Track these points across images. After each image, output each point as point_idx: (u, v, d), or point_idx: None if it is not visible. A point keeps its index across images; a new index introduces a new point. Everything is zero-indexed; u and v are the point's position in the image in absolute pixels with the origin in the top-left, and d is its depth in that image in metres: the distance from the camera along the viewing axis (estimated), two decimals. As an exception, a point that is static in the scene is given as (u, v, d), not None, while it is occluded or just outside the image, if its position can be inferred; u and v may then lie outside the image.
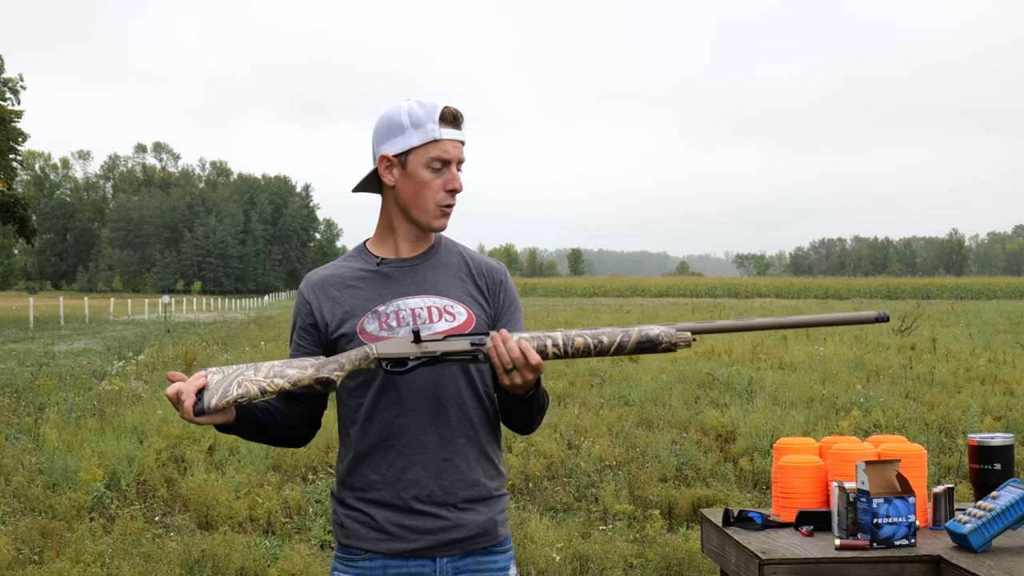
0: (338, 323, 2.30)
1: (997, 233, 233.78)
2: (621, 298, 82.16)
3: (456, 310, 2.30)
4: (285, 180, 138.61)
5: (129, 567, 5.57)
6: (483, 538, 2.30)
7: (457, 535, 2.27)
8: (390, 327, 2.27)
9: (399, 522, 2.26)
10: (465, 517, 2.27)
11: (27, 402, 11.59)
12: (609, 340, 2.20)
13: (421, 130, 2.26)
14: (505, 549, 2.36)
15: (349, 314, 2.29)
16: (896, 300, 73.24)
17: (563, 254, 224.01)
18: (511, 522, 6.49)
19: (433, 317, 2.28)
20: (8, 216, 40.37)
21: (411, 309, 2.28)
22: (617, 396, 12.17)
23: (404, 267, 2.34)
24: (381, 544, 2.26)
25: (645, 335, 2.20)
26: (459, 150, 2.28)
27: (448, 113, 2.27)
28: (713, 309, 42.42)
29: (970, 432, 9.09)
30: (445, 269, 2.36)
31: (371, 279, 2.33)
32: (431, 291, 2.31)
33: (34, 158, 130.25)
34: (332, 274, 2.36)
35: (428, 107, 2.27)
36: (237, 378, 2.15)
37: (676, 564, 5.67)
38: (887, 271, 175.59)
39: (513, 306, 2.40)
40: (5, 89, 42.74)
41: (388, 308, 2.29)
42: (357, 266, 2.36)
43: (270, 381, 2.16)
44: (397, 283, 2.32)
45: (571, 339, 2.19)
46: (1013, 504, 2.71)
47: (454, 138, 2.27)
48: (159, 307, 51.72)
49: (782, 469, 3.12)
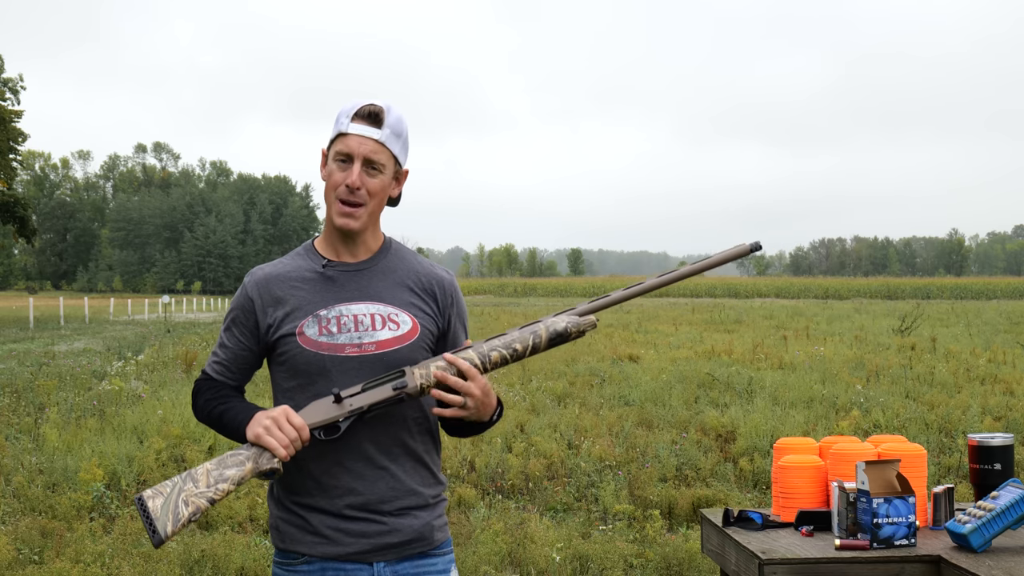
0: (278, 324, 2.26)
1: (997, 233, 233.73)
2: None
3: (401, 318, 2.26)
4: (285, 180, 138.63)
5: (129, 567, 5.57)
6: (419, 543, 2.28)
7: (392, 540, 2.24)
8: (330, 332, 2.23)
9: (334, 526, 2.23)
10: (401, 522, 2.25)
11: (27, 402, 11.59)
12: (523, 346, 2.23)
13: (336, 124, 2.25)
14: (444, 552, 2.33)
15: (290, 316, 2.25)
16: (896, 300, 73.24)
17: (563, 254, 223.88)
18: (511, 522, 6.48)
19: (376, 324, 2.24)
20: (8, 216, 40.37)
21: (354, 315, 2.24)
22: (617, 396, 12.17)
23: (350, 271, 2.29)
24: (317, 547, 2.24)
25: (554, 331, 2.24)
26: (367, 147, 2.21)
27: (365, 110, 2.23)
28: (713, 309, 42.42)
29: (970, 432, 9.09)
30: (392, 276, 2.31)
31: (315, 281, 2.28)
32: (375, 298, 2.27)
33: (34, 158, 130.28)
34: (277, 272, 2.31)
35: (353, 103, 2.25)
36: (180, 497, 2.11)
37: (676, 564, 5.67)
38: (887, 271, 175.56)
39: (461, 321, 2.38)
40: (5, 89, 42.75)
41: (330, 313, 2.25)
42: (303, 265, 2.31)
43: (215, 489, 2.14)
44: (341, 287, 2.27)
45: (487, 356, 2.21)
46: (1013, 504, 2.71)
47: (362, 134, 2.21)
48: (159, 307, 51.72)
49: (782, 469, 3.12)
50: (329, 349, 2.22)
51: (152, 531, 2.08)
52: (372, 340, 2.23)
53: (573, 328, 2.24)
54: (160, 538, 2.08)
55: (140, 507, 2.11)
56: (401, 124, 2.26)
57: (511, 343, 2.22)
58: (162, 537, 2.08)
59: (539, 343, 2.23)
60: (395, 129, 2.25)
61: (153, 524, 2.09)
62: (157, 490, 2.13)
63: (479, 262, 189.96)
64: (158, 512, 2.10)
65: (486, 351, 2.21)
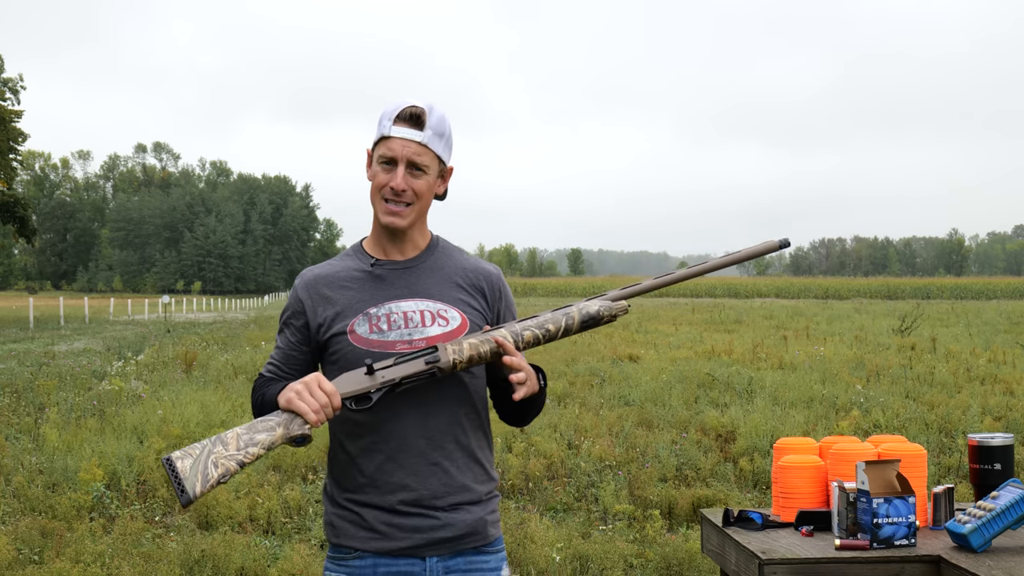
0: (329, 323, 2.28)
1: (997, 233, 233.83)
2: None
3: (450, 314, 2.29)
4: (285, 180, 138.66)
5: (129, 567, 5.57)
6: (472, 538, 2.29)
7: (446, 534, 2.25)
8: (380, 330, 2.25)
9: (387, 521, 2.25)
10: (454, 517, 2.26)
11: (27, 402, 11.59)
12: (555, 327, 2.26)
13: (379, 127, 2.27)
14: (496, 549, 2.34)
15: (340, 315, 2.28)
16: (896, 300, 73.24)
17: (563, 254, 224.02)
18: (511, 522, 6.48)
19: (426, 321, 2.27)
20: (8, 216, 40.38)
21: (403, 312, 2.27)
22: (617, 396, 12.17)
23: (398, 269, 2.32)
24: (370, 543, 2.25)
25: (587, 313, 2.27)
26: (410, 149, 2.23)
27: (406, 112, 2.23)
28: (713, 309, 42.42)
29: (970, 432, 9.09)
30: (440, 272, 2.34)
31: (364, 280, 2.31)
32: (424, 295, 2.29)
33: (34, 158, 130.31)
34: (326, 273, 2.35)
35: (395, 105, 2.26)
36: (210, 459, 2.11)
37: (676, 564, 5.67)
38: (887, 271, 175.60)
39: (511, 313, 2.41)
40: (5, 89, 42.74)
41: (380, 310, 2.27)
42: (352, 266, 2.34)
43: (245, 452, 2.13)
44: (390, 285, 2.30)
45: (519, 335, 2.23)
46: (1013, 504, 2.71)
47: (404, 136, 2.22)
48: (159, 307, 51.73)
49: (782, 469, 3.12)
50: (380, 346, 2.24)
51: (181, 490, 2.08)
52: (422, 336, 2.25)
53: (605, 312, 2.27)
54: (188, 498, 2.08)
55: (168, 467, 2.11)
56: (443, 124, 2.27)
57: (544, 323, 2.25)
58: (191, 497, 2.08)
59: (571, 325, 2.26)
60: (437, 129, 2.26)
61: (182, 484, 2.08)
62: (186, 451, 2.13)
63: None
64: (187, 472, 2.09)
65: (519, 330, 2.23)
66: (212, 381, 13.81)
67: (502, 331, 2.22)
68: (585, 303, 2.29)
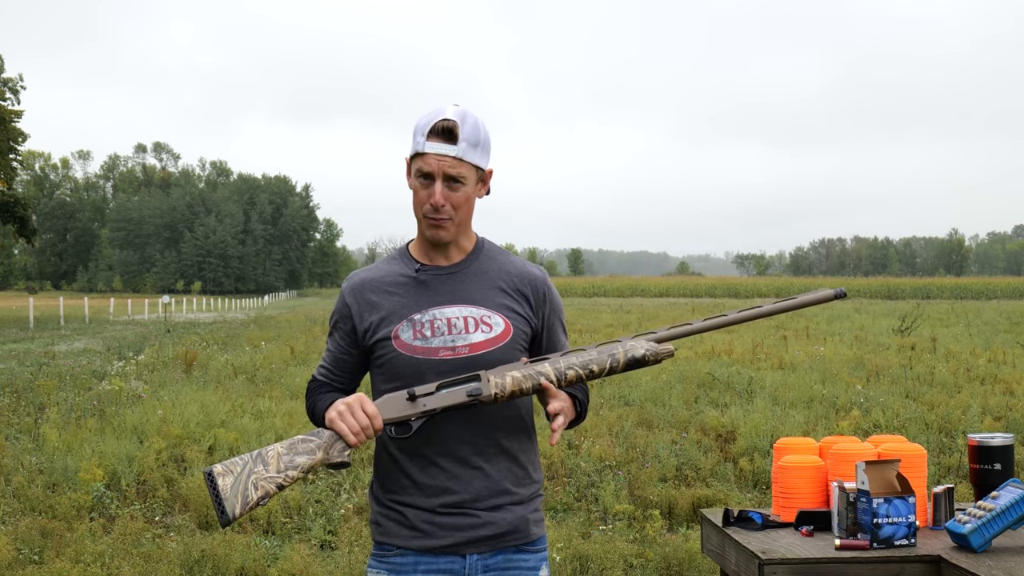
0: (374, 328, 2.31)
1: (997, 233, 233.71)
2: (621, 298, 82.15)
3: (493, 320, 2.29)
4: (285, 180, 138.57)
5: (129, 567, 5.57)
6: (514, 536, 2.31)
7: (487, 532, 2.28)
8: (424, 336, 2.27)
9: (429, 520, 2.28)
10: (495, 515, 2.28)
11: (27, 402, 11.59)
12: (599, 368, 2.26)
13: (414, 142, 2.27)
14: (538, 548, 2.36)
15: (385, 320, 2.30)
16: (896, 300, 73.22)
17: (563, 254, 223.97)
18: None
19: (469, 327, 2.28)
20: (8, 216, 40.35)
21: (447, 319, 2.28)
22: (617, 396, 12.16)
23: (443, 275, 2.33)
24: (412, 540, 2.28)
25: (632, 357, 2.26)
26: (445, 164, 2.22)
27: (439, 126, 2.23)
28: (713, 309, 42.43)
29: (970, 432, 9.09)
30: (484, 278, 2.34)
31: (409, 285, 2.32)
32: (468, 301, 2.30)
33: (34, 158, 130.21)
34: (373, 277, 2.36)
35: (428, 117, 2.25)
36: (250, 479, 2.14)
37: (676, 564, 5.67)
38: (887, 271, 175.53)
39: (557, 317, 2.41)
40: (5, 89, 42.72)
41: (424, 317, 2.28)
42: (397, 270, 2.36)
43: (285, 476, 2.16)
44: (435, 291, 2.31)
45: (563, 373, 2.23)
46: (1013, 504, 2.71)
47: (438, 152, 2.22)
48: (159, 307, 51.70)
49: (782, 469, 3.12)
50: (424, 353, 2.26)
51: (220, 511, 2.11)
52: (465, 343, 2.26)
53: (651, 356, 2.27)
54: (228, 519, 2.11)
55: (209, 483, 2.13)
56: (477, 132, 2.25)
57: (588, 363, 2.26)
58: (230, 518, 2.11)
59: (616, 366, 2.26)
60: (471, 140, 2.24)
61: (222, 504, 2.11)
62: (227, 467, 2.14)
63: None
64: (227, 492, 2.11)
65: (563, 368, 2.24)
66: (212, 381, 13.81)
67: (547, 368, 2.23)
68: (631, 343, 2.28)
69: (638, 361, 2.26)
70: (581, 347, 2.29)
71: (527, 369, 2.22)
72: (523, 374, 2.21)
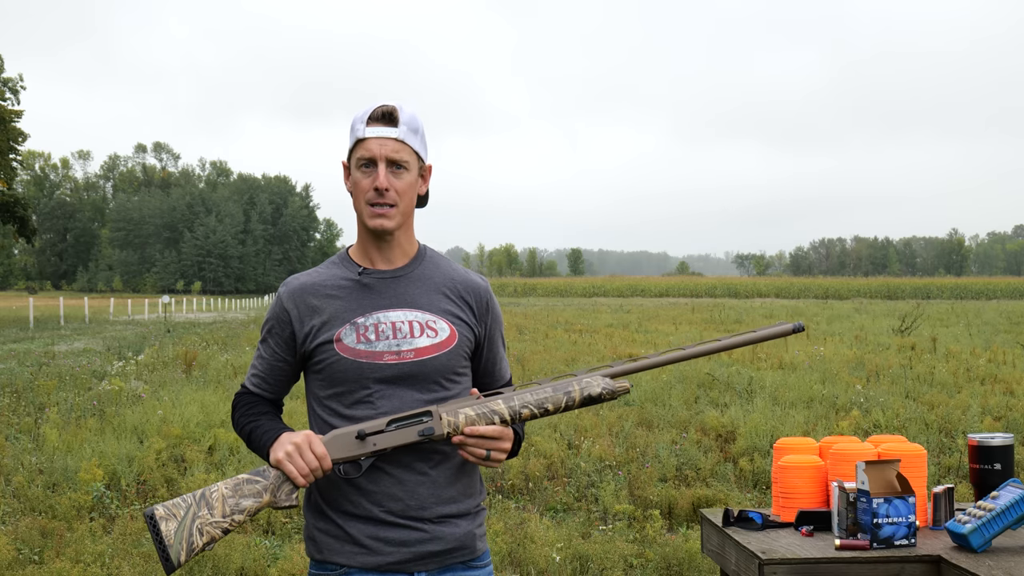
0: (315, 332, 2.25)
1: (997, 233, 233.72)
2: (621, 298, 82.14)
3: (439, 326, 2.25)
4: (285, 180, 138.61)
5: (129, 567, 5.57)
6: (461, 552, 2.26)
7: (434, 548, 2.22)
8: (368, 340, 2.22)
9: (373, 534, 2.21)
10: (442, 530, 2.23)
11: (27, 402, 11.59)
12: (554, 406, 2.21)
13: (352, 133, 2.25)
14: (484, 564, 2.32)
15: (327, 324, 2.24)
16: (896, 300, 73.22)
17: (563, 254, 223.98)
18: (511, 522, 6.48)
19: (415, 331, 2.23)
20: (8, 216, 40.36)
21: (391, 322, 2.23)
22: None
23: (386, 278, 2.28)
24: (356, 557, 2.21)
25: (587, 395, 2.22)
26: (388, 147, 2.20)
27: (378, 112, 2.22)
28: (713, 309, 42.41)
29: (970, 432, 9.09)
30: (428, 282, 2.30)
31: (352, 289, 2.27)
32: (412, 305, 2.26)
33: (34, 158, 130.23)
34: (313, 281, 2.30)
35: (364, 109, 2.24)
36: (195, 523, 2.09)
37: (676, 564, 5.67)
38: (887, 271, 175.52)
39: (498, 329, 2.38)
40: (5, 89, 42.71)
41: (368, 320, 2.23)
42: (339, 274, 2.30)
43: (230, 520, 2.13)
44: (379, 295, 2.26)
45: (517, 412, 2.20)
46: (1013, 504, 2.71)
47: (380, 135, 2.20)
48: (159, 307, 51.71)
49: (782, 469, 3.12)
50: (368, 357, 2.21)
51: (164, 558, 2.08)
52: (411, 347, 2.22)
53: (607, 393, 2.23)
54: (172, 566, 2.08)
55: (151, 526, 2.09)
56: (416, 120, 2.25)
57: (543, 402, 2.21)
58: (174, 565, 2.08)
59: (572, 404, 2.22)
60: (411, 125, 2.24)
61: (166, 551, 2.08)
62: (170, 510, 2.10)
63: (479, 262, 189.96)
64: (171, 538, 2.08)
65: (517, 407, 2.20)
66: (212, 381, 13.80)
67: (501, 406, 2.19)
68: (587, 379, 2.23)
69: (593, 399, 2.22)
70: (535, 382, 2.25)
71: (481, 407, 2.17)
72: (476, 412, 2.17)
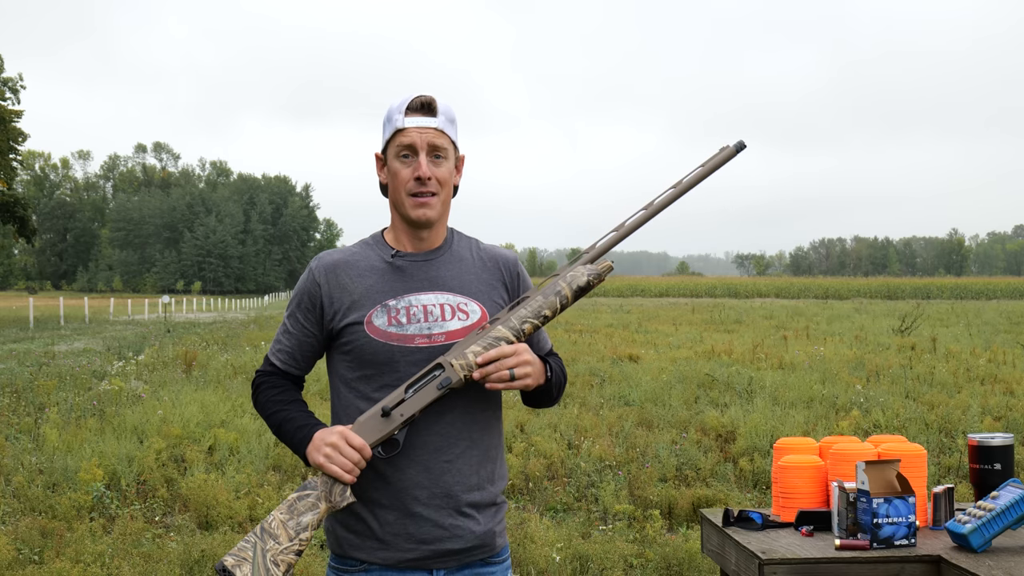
0: (344, 311, 2.25)
1: (997, 233, 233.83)
2: (621, 298, 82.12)
3: (470, 307, 2.26)
4: (285, 180, 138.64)
5: (129, 567, 5.57)
6: (480, 550, 2.26)
7: (454, 546, 2.22)
8: (399, 323, 2.22)
9: (394, 530, 2.21)
10: (464, 526, 2.23)
11: (27, 402, 11.59)
12: (552, 311, 2.22)
13: (390, 123, 2.26)
14: (502, 559, 2.33)
15: (357, 304, 2.24)
16: (896, 300, 73.21)
17: (563, 254, 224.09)
18: (511, 522, 6.48)
19: (446, 315, 2.24)
20: (8, 216, 40.35)
21: (423, 305, 2.24)
22: (617, 396, 12.17)
23: (419, 261, 2.29)
24: (376, 553, 2.22)
25: (577, 286, 2.23)
26: (427, 136, 2.22)
27: (416, 102, 2.23)
28: (713, 309, 42.40)
29: (970, 432, 9.08)
30: (460, 264, 2.32)
31: (384, 271, 2.28)
32: (444, 287, 2.27)
33: (34, 158, 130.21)
34: (346, 259, 2.30)
35: (401, 100, 2.25)
36: (267, 558, 2.08)
37: (676, 564, 5.67)
38: (887, 271, 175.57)
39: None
40: (5, 89, 42.71)
41: (399, 303, 2.24)
42: (372, 255, 2.31)
43: (299, 541, 2.12)
44: (410, 278, 2.27)
45: (520, 330, 2.20)
46: (1013, 504, 2.71)
47: (420, 125, 2.22)
48: (159, 307, 51.71)
49: (782, 469, 3.12)
50: (399, 340, 2.21)
51: None
52: (442, 331, 2.23)
53: (594, 279, 2.23)
54: None
55: None
56: (451, 110, 2.27)
57: (540, 310, 2.21)
58: None
59: (566, 302, 2.22)
60: (448, 115, 2.26)
61: None
62: (238, 555, 2.08)
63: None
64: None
65: (517, 325, 2.20)
66: (212, 381, 13.80)
67: (502, 331, 2.19)
68: (571, 274, 2.23)
69: (584, 288, 2.22)
70: (524, 295, 2.25)
71: (484, 339, 2.17)
72: (482, 346, 2.16)
